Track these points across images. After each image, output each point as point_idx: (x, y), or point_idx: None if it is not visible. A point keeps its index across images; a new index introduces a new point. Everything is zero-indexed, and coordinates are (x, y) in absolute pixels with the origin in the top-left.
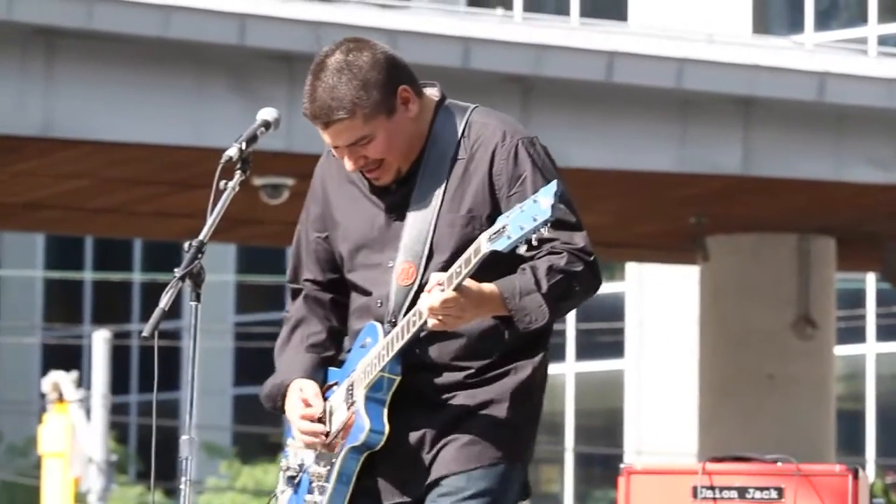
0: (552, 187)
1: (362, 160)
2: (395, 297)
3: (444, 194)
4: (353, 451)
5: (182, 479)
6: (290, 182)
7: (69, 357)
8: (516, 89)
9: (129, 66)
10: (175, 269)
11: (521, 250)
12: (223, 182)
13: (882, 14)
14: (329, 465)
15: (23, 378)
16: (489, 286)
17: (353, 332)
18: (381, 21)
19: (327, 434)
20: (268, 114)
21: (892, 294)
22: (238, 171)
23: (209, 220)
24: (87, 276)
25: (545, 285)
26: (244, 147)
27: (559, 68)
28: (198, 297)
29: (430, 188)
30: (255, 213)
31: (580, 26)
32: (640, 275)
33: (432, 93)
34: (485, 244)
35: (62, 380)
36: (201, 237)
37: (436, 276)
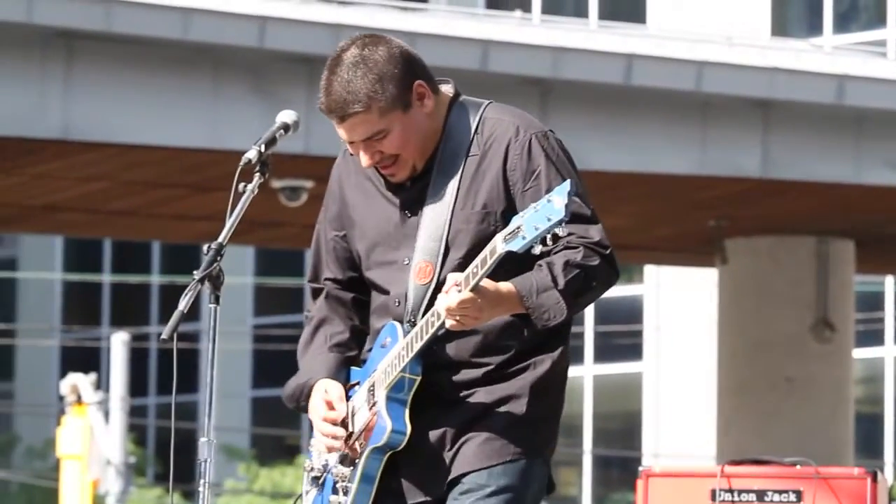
0: (565, 187)
1: (378, 155)
2: (413, 296)
3: (457, 190)
4: (376, 452)
5: (200, 482)
6: (308, 184)
7: (88, 359)
8: (535, 92)
9: (149, 69)
10: (194, 272)
11: (536, 250)
12: (242, 184)
13: None
14: (353, 466)
15: (41, 380)
16: (506, 285)
17: (373, 332)
18: (399, 23)
19: (349, 437)
20: (287, 116)
21: None
22: (257, 174)
23: (228, 223)
24: (106, 278)
25: (562, 281)
26: (263, 149)
27: (578, 71)
28: (216, 300)
29: (444, 184)
30: (274, 216)
31: (599, 29)
32: (658, 277)
33: (447, 89)
34: (500, 245)
35: (81, 382)
36: (220, 239)
37: (452, 276)
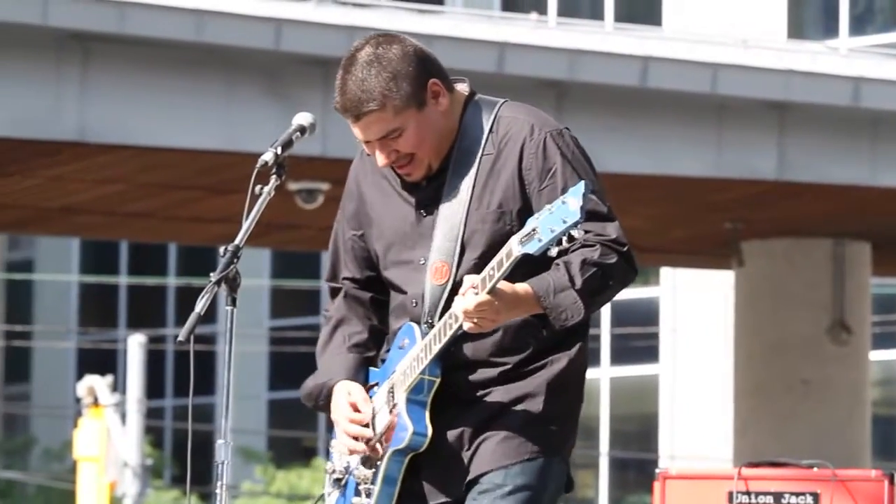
0: (580, 188)
1: (393, 154)
2: (430, 297)
3: (472, 190)
4: (398, 454)
5: (217, 484)
6: (325, 187)
7: (104, 361)
8: (551, 94)
9: (165, 71)
10: (210, 274)
11: (553, 252)
12: (258, 187)
13: None
14: (374, 468)
15: (58, 382)
16: (523, 286)
17: (391, 332)
18: (416, 26)
19: (369, 438)
20: (303, 118)
21: None
22: (273, 176)
23: (244, 225)
24: (123, 280)
25: (579, 281)
26: (279, 152)
27: (594, 73)
28: (233, 302)
29: (459, 184)
30: (291, 218)
31: (615, 31)
32: (674, 280)
33: (462, 88)
34: (516, 247)
35: (97, 384)
36: (237, 242)
37: (469, 278)
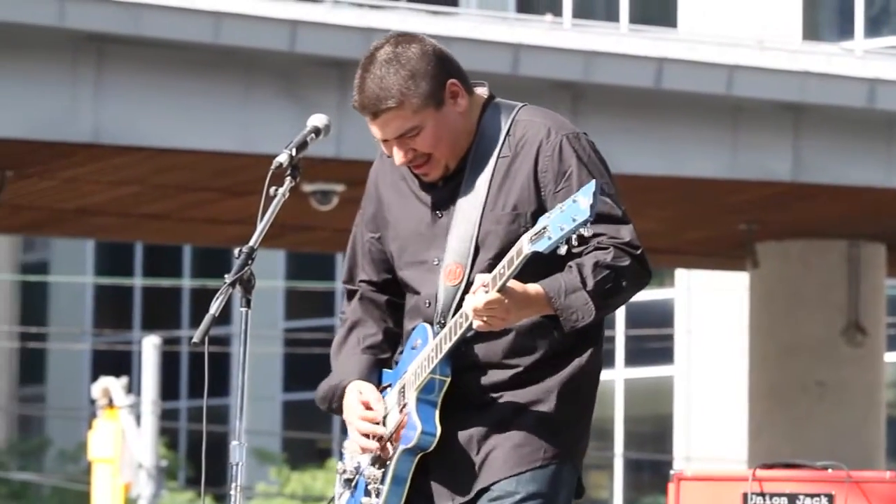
0: (591, 187)
1: (411, 153)
2: (444, 298)
3: (488, 191)
4: (407, 453)
5: (232, 485)
6: (339, 188)
7: (119, 363)
8: (566, 96)
9: (180, 73)
10: (225, 276)
11: (562, 250)
12: (273, 188)
13: None
14: (384, 468)
15: (73, 384)
16: (534, 286)
17: (405, 334)
18: (431, 27)
19: (380, 438)
20: (318, 120)
21: None
22: (288, 178)
23: (259, 227)
24: (137, 282)
25: (591, 282)
26: (294, 153)
27: (609, 74)
28: (248, 303)
29: (475, 185)
30: (305, 220)
31: (630, 33)
32: (689, 281)
33: (481, 91)
34: (526, 245)
35: (112, 385)
36: (251, 243)
37: (480, 277)
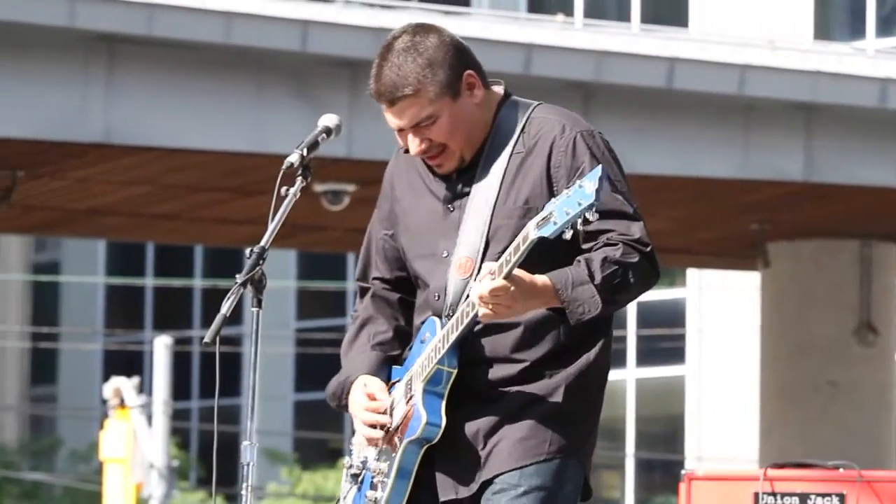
0: (597, 172)
1: (426, 143)
2: (453, 290)
3: (500, 186)
4: (412, 445)
5: (243, 485)
6: (351, 188)
7: (130, 363)
8: (577, 96)
9: (191, 73)
10: (236, 276)
11: (567, 236)
12: (284, 188)
13: None
14: (389, 461)
15: (84, 384)
16: (541, 277)
17: (415, 329)
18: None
19: (387, 431)
20: (329, 120)
21: None
22: (299, 178)
23: (270, 226)
24: (149, 282)
25: (599, 276)
26: (305, 153)
27: (620, 75)
28: (259, 303)
29: (488, 180)
30: (317, 220)
31: (641, 33)
32: (701, 281)
33: (498, 89)
34: (533, 231)
35: (123, 385)
36: (262, 243)
37: (487, 265)
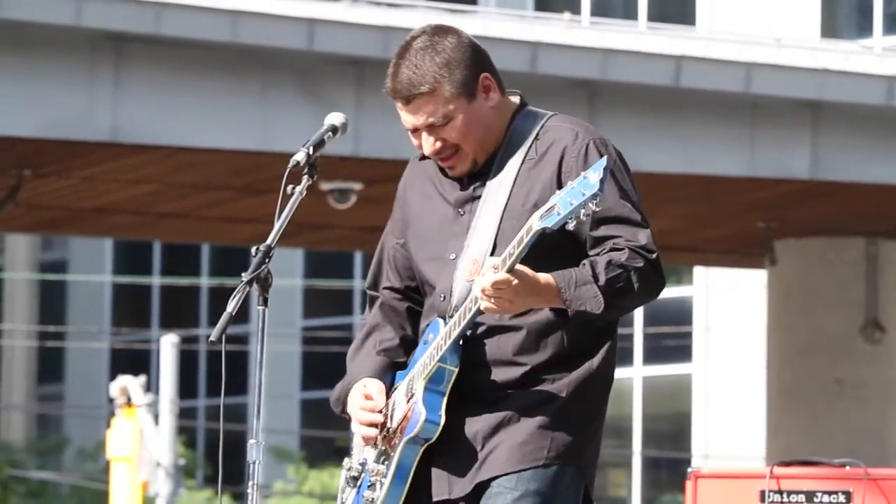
0: (602, 163)
1: (440, 143)
2: (458, 292)
3: (511, 191)
4: (411, 443)
5: (249, 483)
6: (357, 186)
7: (137, 361)
8: (584, 94)
9: (198, 72)
10: (243, 274)
11: (570, 227)
12: (291, 187)
13: None
14: (388, 461)
15: (91, 382)
16: (545, 275)
17: (420, 332)
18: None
19: (387, 431)
20: (335, 118)
21: None
22: (305, 176)
23: (277, 225)
24: (156, 280)
25: (603, 278)
26: (312, 151)
27: (627, 73)
28: (265, 302)
29: (499, 185)
30: (323, 218)
31: (647, 31)
32: (707, 279)
33: (514, 99)
34: (536, 222)
35: (130, 384)
36: (269, 241)
37: (490, 260)
